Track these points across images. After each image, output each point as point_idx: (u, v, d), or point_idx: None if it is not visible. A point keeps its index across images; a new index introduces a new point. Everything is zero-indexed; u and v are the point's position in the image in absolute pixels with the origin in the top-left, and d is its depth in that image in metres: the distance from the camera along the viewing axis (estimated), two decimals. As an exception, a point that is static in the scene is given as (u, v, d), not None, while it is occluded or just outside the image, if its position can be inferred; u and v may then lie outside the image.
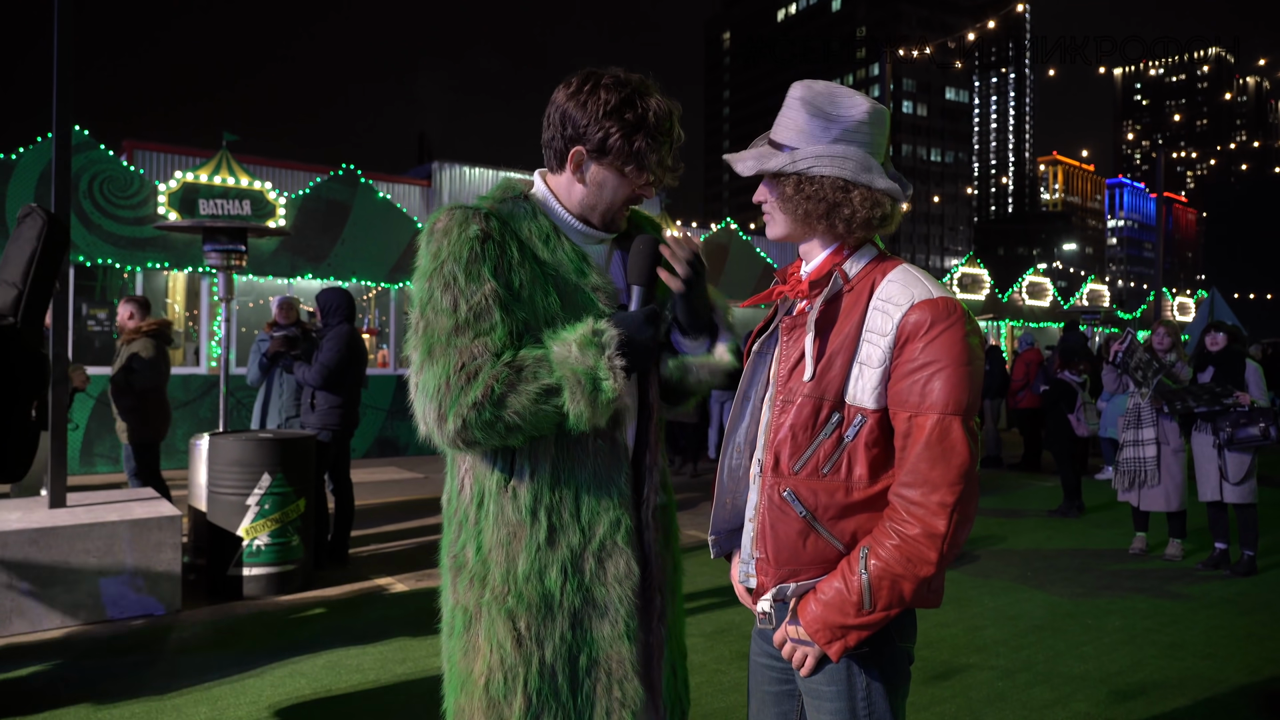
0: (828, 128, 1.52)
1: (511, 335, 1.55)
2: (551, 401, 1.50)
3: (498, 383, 1.49)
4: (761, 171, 1.55)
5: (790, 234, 1.61)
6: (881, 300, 1.47)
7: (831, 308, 1.52)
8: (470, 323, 1.51)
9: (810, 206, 1.51)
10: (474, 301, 1.51)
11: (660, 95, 1.63)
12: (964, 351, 1.42)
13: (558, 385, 1.50)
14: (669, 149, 1.64)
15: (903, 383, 1.43)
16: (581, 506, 1.62)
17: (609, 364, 1.49)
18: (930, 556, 1.39)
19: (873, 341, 1.46)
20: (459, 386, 1.49)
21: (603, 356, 1.49)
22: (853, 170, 1.50)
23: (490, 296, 1.52)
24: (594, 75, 1.62)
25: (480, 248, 1.53)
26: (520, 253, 1.59)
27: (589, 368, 1.49)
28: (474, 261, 1.52)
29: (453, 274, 1.52)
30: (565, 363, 1.50)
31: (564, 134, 1.62)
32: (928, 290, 1.46)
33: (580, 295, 1.63)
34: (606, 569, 1.62)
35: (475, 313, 1.51)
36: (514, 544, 1.61)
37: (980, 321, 22.37)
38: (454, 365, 1.50)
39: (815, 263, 1.60)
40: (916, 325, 1.42)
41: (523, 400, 1.49)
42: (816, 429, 1.48)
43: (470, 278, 1.52)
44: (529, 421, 1.51)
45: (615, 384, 1.50)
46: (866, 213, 1.51)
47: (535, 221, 1.64)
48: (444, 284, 1.52)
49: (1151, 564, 6.30)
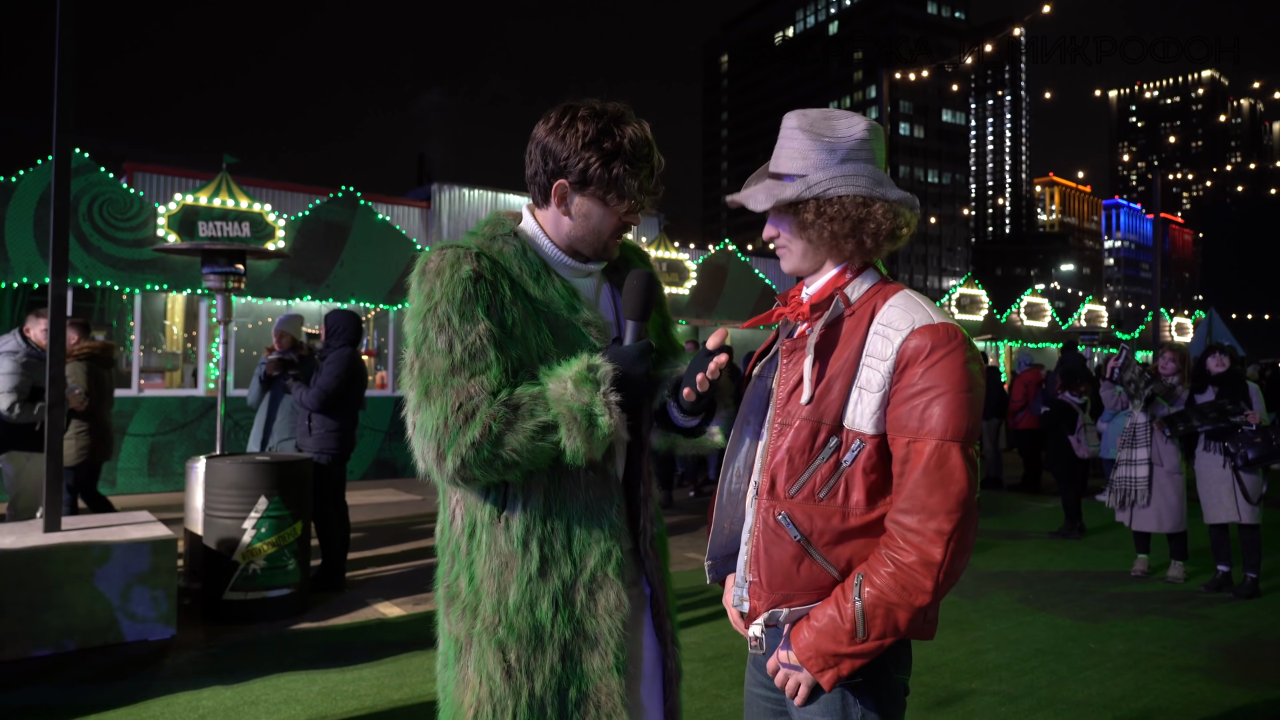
0: (833, 150, 1.53)
1: (506, 373, 1.56)
2: (549, 438, 1.51)
3: (495, 421, 1.50)
4: (779, 201, 1.52)
5: (813, 261, 1.59)
6: (882, 325, 1.47)
7: (832, 331, 1.52)
8: (466, 363, 1.52)
9: (835, 228, 1.51)
10: (469, 341, 1.53)
11: (636, 122, 1.64)
12: (964, 378, 1.41)
13: (554, 422, 1.50)
14: (649, 174, 1.65)
15: (902, 408, 1.42)
16: (573, 538, 1.62)
17: (604, 400, 1.49)
18: (926, 585, 1.37)
19: (873, 366, 1.45)
20: (457, 426, 1.50)
21: (598, 393, 1.49)
22: (867, 186, 1.51)
23: (485, 336, 1.54)
24: (571, 109, 1.63)
25: (473, 288, 1.55)
26: (512, 291, 1.60)
27: (585, 404, 1.49)
28: (467, 302, 1.54)
29: (447, 314, 1.53)
30: (561, 400, 1.50)
31: (546, 169, 1.64)
32: (929, 316, 1.45)
33: (572, 331, 1.64)
34: (597, 601, 1.61)
35: (470, 352, 1.53)
36: (505, 574, 1.61)
37: (979, 342, 22.33)
38: (451, 405, 1.51)
39: (817, 286, 1.60)
40: (917, 350, 1.41)
41: (520, 438, 1.50)
42: (814, 453, 1.47)
43: (464, 318, 1.53)
44: (526, 458, 1.52)
45: (611, 420, 1.49)
46: (890, 224, 1.52)
47: (525, 259, 1.66)
48: (438, 325, 1.54)
49: (1154, 586, 6.26)
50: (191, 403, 10.52)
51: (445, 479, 1.54)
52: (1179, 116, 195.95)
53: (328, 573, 5.74)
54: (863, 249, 1.54)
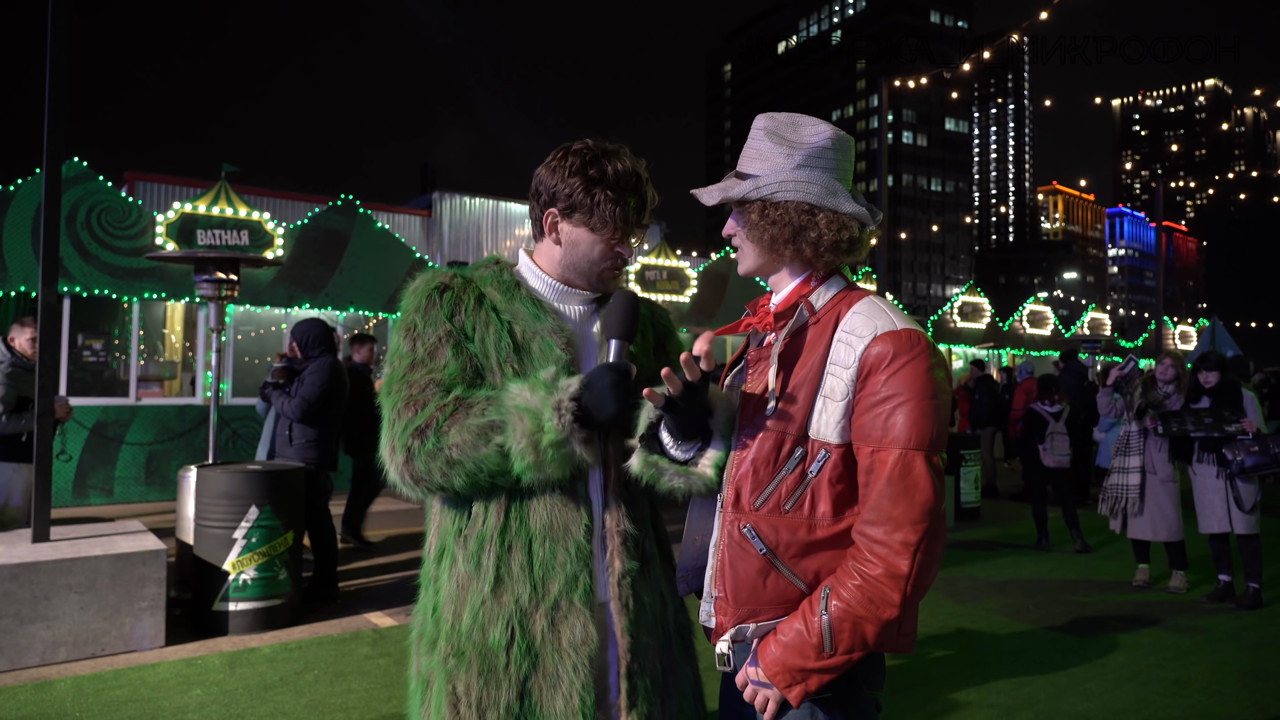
0: (790, 154, 1.52)
1: (464, 373, 1.56)
2: (493, 439, 1.45)
3: (442, 413, 1.49)
4: (726, 199, 1.56)
5: (759, 264, 1.60)
6: (845, 332, 1.45)
7: (797, 340, 1.50)
8: (424, 360, 1.56)
9: (776, 232, 1.51)
10: (429, 342, 1.57)
11: (629, 157, 1.66)
12: (927, 384, 1.38)
13: (501, 422, 1.45)
14: (637, 205, 1.65)
15: (865, 416, 1.40)
16: (534, 558, 1.53)
17: (557, 405, 1.42)
18: (893, 598, 1.34)
19: (836, 374, 1.43)
20: (406, 417, 1.50)
21: (551, 398, 1.43)
22: (818, 195, 1.50)
23: (444, 337, 1.57)
24: (566, 145, 1.68)
25: (439, 296, 1.60)
26: (478, 302, 1.64)
27: (535, 407, 1.43)
28: (430, 307, 1.59)
29: (412, 321, 1.59)
30: (514, 399, 1.46)
31: (540, 201, 1.68)
32: (891, 322, 1.43)
33: (538, 342, 1.61)
34: (560, 632, 1.50)
35: (429, 351, 1.56)
36: (461, 597, 1.55)
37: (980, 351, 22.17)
38: (404, 398, 1.53)
39: (783, 294, 1.59)
40: (879, 358, 1.39)
41: (464, 434, 1.46)
42: (779, 464, 1.44)
43: (427, 322, 1.58)
44: (470, 459, 1.46)
45: (560, 427, 1.41)
46: (833, 236, 1.50)
47: (499, 279, 1.68)
48: (404, 331, 1.60)
49: (1155, 597, 6.19)
50: (189, 411, 10.50)
51: (396, 474, 1.51)
52: (1182, 125, 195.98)
53: (320, 583, 5.69)
54: (801, 256, 1.52)
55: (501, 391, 1.49)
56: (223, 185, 10.87)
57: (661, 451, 1.51)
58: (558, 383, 1.46)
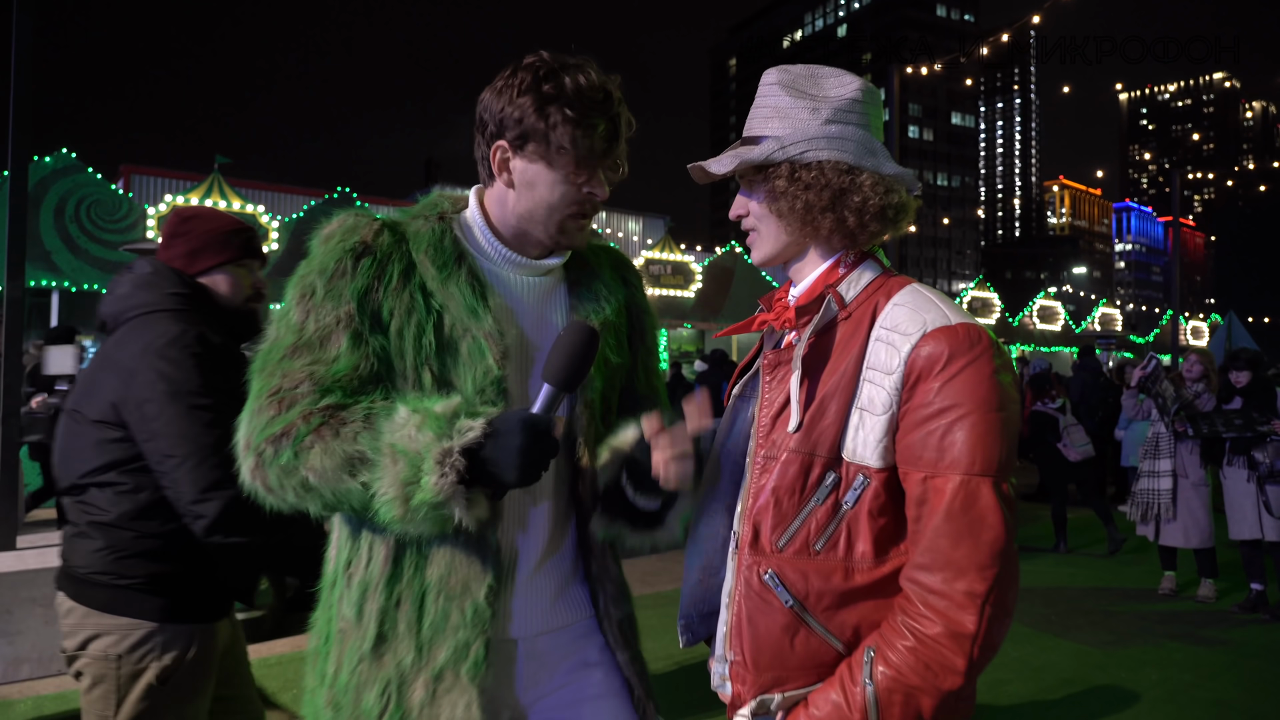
0: (816, 109, 1.25)
1: (357, 373, 1.25)
2: (359, 475, 1.15)
3: (306, 424, 1.19)
4: (745, 164, 1.27)
5: (786, 244, 1.31)
6: (885, 329, 1.17)
7: (824, 340, 1.22)
8: (311, 345, 1.25)
9: (811, 197, 1.23)
10: (323, 322, 1.26)
11: (596, 71, 1.35)
12: (993, 393, 1.11)
13: (373, 459, 1.15)
14: (606, 130, 1.34)
15: (915, 434, 1.12)
16: (424, 615, 1.28)
17: (441, 458, 1.11)
18: (956, 664, 1.07)
19: (876, 381, 1.16)
20: (268, 414, 1.21)
21: (438, 446, 1.12)
22: (855, 152, 1.24)
23: (343, 321, 1.26)
24: (518, 61, 1.37)
25: (351, 263, 1.28)
26: (403, 279, 1.31)
27: (414, 452, 1.13)
28: (339, 276, 1.28)
29: (312, 286, 1.28)
30: (393, 433, 1.15)
31: (485, 134, 1.37)
32: (944, 315, 1.16)
33: (468, 343, 1.31)
34: (440, 707, 1.26)
35: (321, 334, 1.26)
36: (342, 644, 1.32)
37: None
38: (270, 389, 1.23)
39: (806, 284, 1.31)
40: (930, 360, 1.12)
41: (327, 460, 1.16)
42: (806, 493, 1.17)
43: (329, 294, 1.27)
44: (329, 490, 1.18)
45: (437, 486, 1.11)
46: (880, 200, 1.23)
47: (439, 244, 1.36)
48: (300, 295, 1.29)
49: (1183, 606, 5.90)
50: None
51: (247, 477, 1.22)
52: (1190, 119, 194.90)
53: (304, 592, 5.43)
54: (843, 228, 1.25)
55: (384, 412, 1.18)
56: (215, 178, 10.63)
57: (625, 509, 1.37)
58: (455, 424, 1.14)
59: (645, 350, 1.57)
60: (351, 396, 1.22)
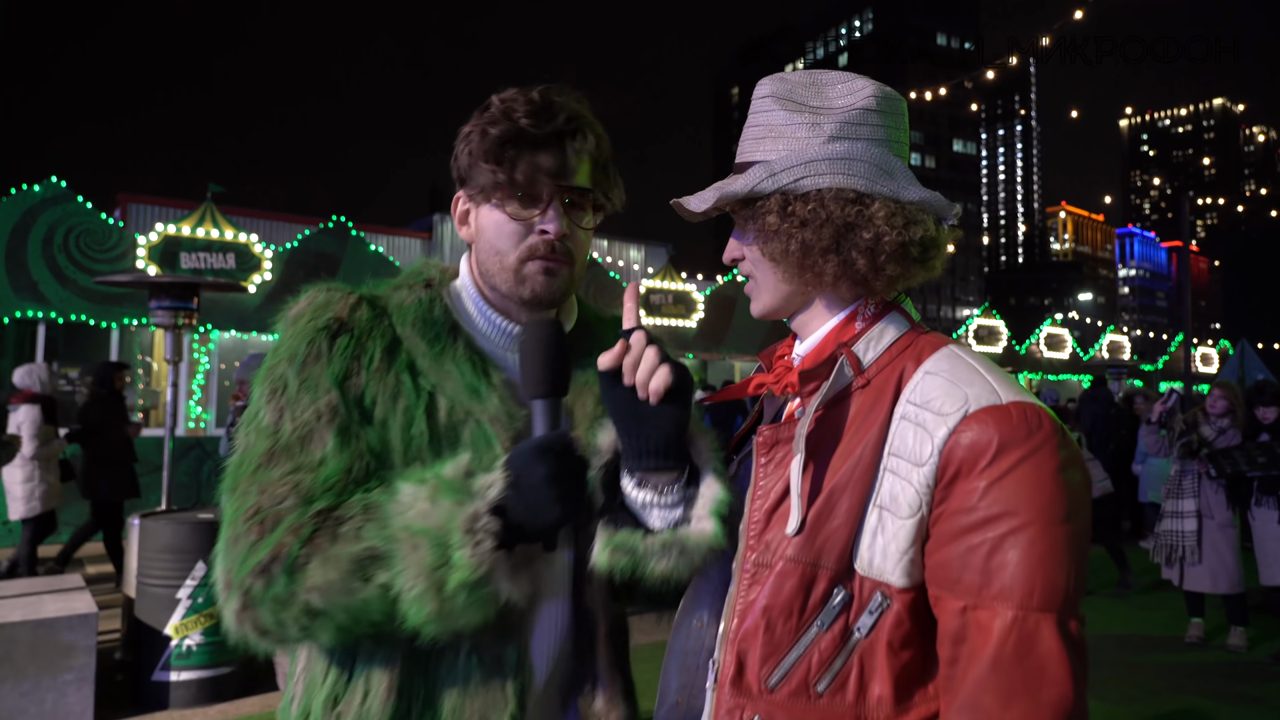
0: (817, 124, 0.99)
1: (350, 477, 1.02)
2: (375, 576, 0.93)
3: (296, 538, 0.96)
4: (724, 200, 1.02)
5: (784, 296, 1.06)
6: (915, 406, 0.92)
7: (835, 414, 0.97)
8: (290, 450, 1.04)
9: (809, 236, 0.98)
10: (302, 419, 1.05)
11: (558, 92, 1.14)
12: (1058, 497, 0.86)
13: (386, 551, 0.93)
14: (559, 156, 1.11)
15: (952, 548, 0.87)
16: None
17: (469, 526, 0.91)
18: None
19: (901, 473, 0.90)
20: (247, 542, 0.99)
21: (463, 511, 0.92)
22: (866, 175, 0.98)
23: (325, 414, 1.06)
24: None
25: (327, 344, 1.09)
26: (387, 357, 1.11)
27: (436, 528, 0.91)
28: (314, 361, 1.08)
29: (283, 378, 1.08)
30: (404, 515, 0.93)
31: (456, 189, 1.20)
32: (991, 390, 0.90)
33: (470, 429, 1.09)
34: None
35: (300, 433, 1.05)
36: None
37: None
38: (247, 510, 1.01)
39: (813, 341, 1.06)
40: (974, 451, 0.87)
41: (331, 571, 0.94)
42: (807, 615, 0.91)
43: (304, 385, 1.07)
44: (341, 608, 0.95)
45: (475, 559, 0.90)
46: (897, 235, 0.97)
47: (429, 315, 1.15)
48: (270, 391, 1.09)
49: (1213, 656, 5.57)
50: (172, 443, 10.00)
51: (232, 622, 1.00)
52: (1191, 144, 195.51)
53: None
54: (851, 272, 0.99)
55: (385, 496, 0.97)
56: (208, 206, 10.45)
57: (631, 520, 1.00)
58: (471, 483, 0.94)
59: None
60: (339, 497, 1.01)
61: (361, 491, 1.00)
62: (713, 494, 0.98)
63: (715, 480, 0.99)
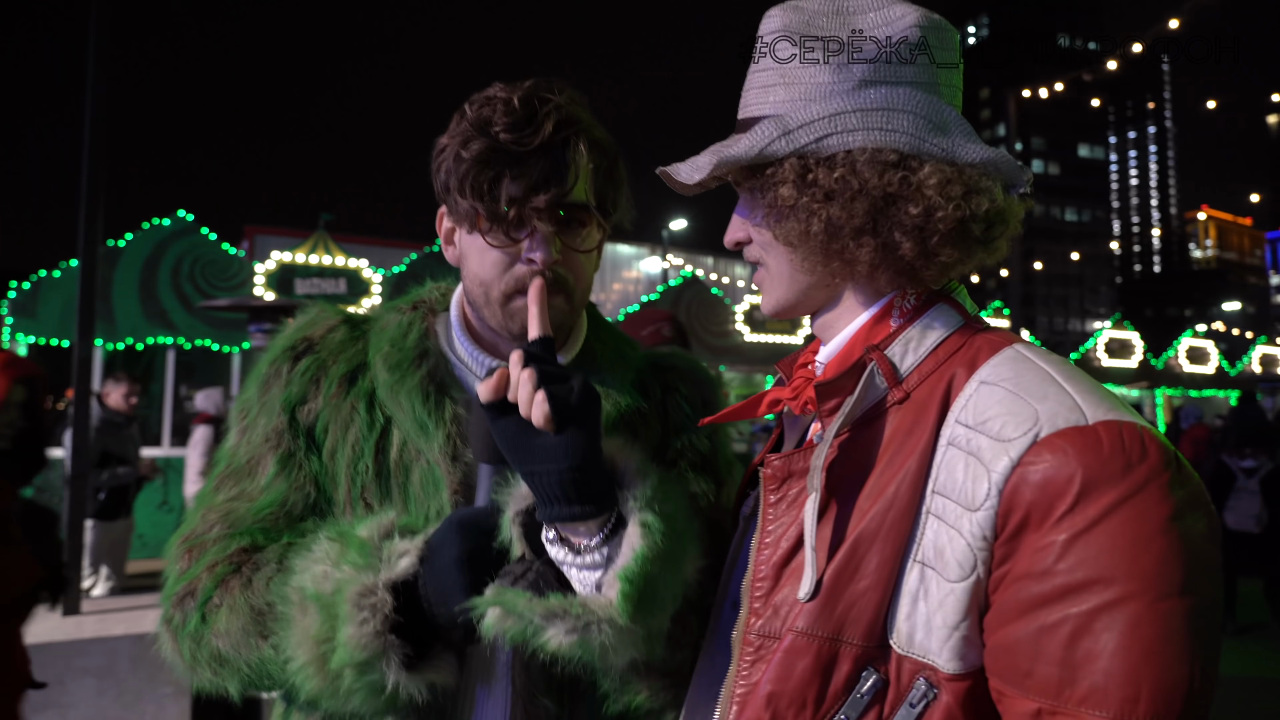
0: (842, 64, 0.78)
1: (285, 509, 0.97)
2: (270, 635, 0.85)
3: (211, 576, 0.91)
4: (724, 164, 0.81)
5: (805, 286, 0.85)
6: (966, 427, 0.70)
7: (864, 438, 0.76)
8: (238, 474, 1.01)
9: (836, 213, 0.77)
10: (254, 442, 1.03)
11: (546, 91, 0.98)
12: (1172, 557, 0.62)
13: (282, 611, 0.84)
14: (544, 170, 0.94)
15: (1020, 627, 0.65)
16: None
17: (359, 600, 0.79)
18: None
19: (949, 519, 0.69)
20: (176, 569, 0.97)
21: (358, 582, 0.80)
22: (911, 130, 0.76)
23: (273, 439, 1.01)
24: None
25: (288, 366, 1.04)
26: (344, 384, 1.03)
27: (328, 594, 0.80)
28: (274, 382, 1.04)
29: (248, 401, 1.06)
30: (305, 574, 0.84)
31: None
32: (1072, 406, 0.67)
33: (421, 469, 0.97)
34: None
35: (248, 459, 1.02)
36: None
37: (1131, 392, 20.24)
38: (187, 532, 0.99)
39: (837, 343, 0.85)
40: (1049, 491, 0.65)
41: (235, 620, 0.88)
42: (826, 708, 0.70)
43: (263, 408, 1.04)
44: (243, 662, 0.88)
45: (361, 638, 0.78)
46: (955, 209, 0.75)
47: (401, 341, 1.04)
48: (240, 413, 1.07)
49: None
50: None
51: (169, 653, 1.00)
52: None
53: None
54: (894, 258, 0.78)
55: (302, 547, 0.88)
56: (321, 234, 10.90)
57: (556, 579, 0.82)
58: (385, 548, 0.83)
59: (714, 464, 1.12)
60: (273, 538, 0.94)
61: (290, 532, 0.92)
62: (630, 550, 0.77)
63: (638, 531, 0.78)
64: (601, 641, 0.77)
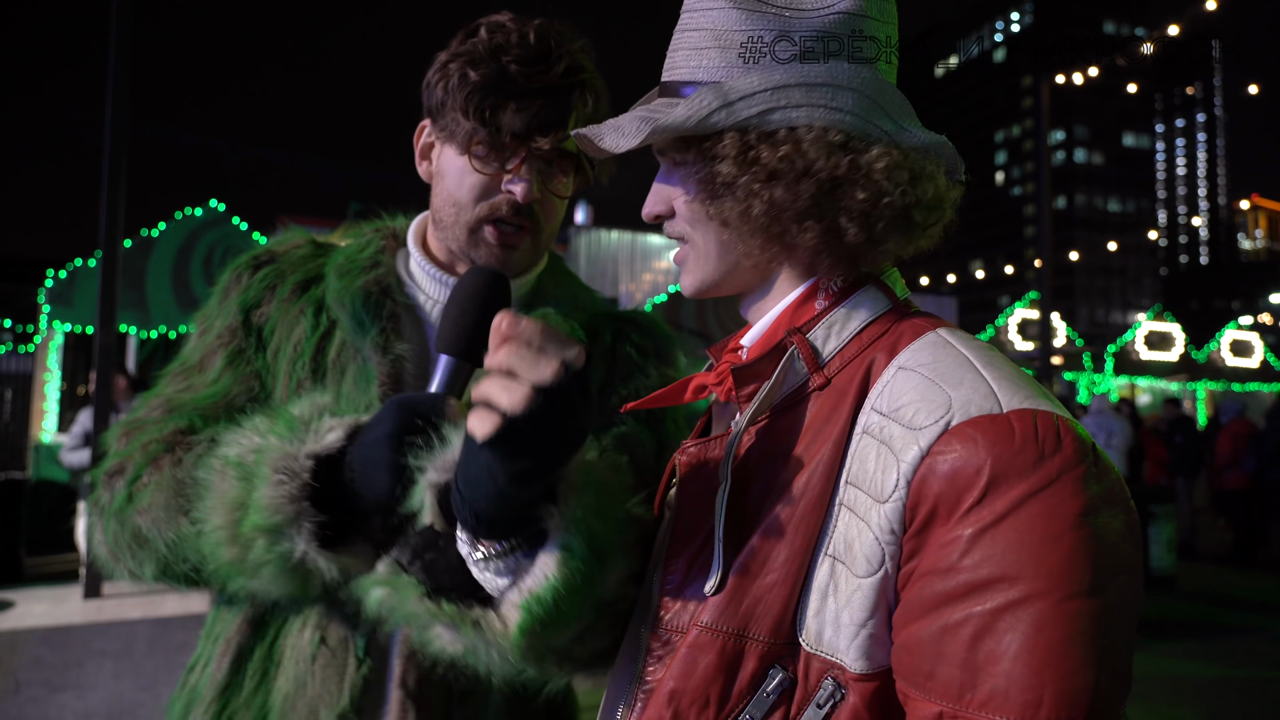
0: (786, 33, 0.73)
1: (227, 399, 1.02)
2: (189, 506, 0.86)
3: (145, 456, 0.94)
4: (656, 133, 0.75)
5: (731, 267, 0.81)
6: (881, 414, 0.67)
7: (783, 426, 0.72)
8: (188, 370, 1.07)
9: (780, 195, 0.72)
10: (209, 341, 1.09)
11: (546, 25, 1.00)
12: (1082, 555, 0.59)
13: (204, 480, 0.84)
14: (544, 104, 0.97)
15: (923, 626, 0.61)
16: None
17: (279, 464, 0.77)
18: None
19: (859, 510, 0.65)
20: (114, 451, 1.00)
21: (281, 447, 0.79)
22: (856, 109, 0.72)
23: (224, 336, 1.07)
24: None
25: (248, 273, 1.11)
26: (297, 290, 1.08)
27: (249, 461, 0.80)
28: (233, 287, 1.11)
29: (209, 310, 1.13)
30: (231, 446, 0.84)
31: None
32: (987, 393, 0.64)
33: (356, 366, 1.01)
34: None
35: (200, 356, 1.08)
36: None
37: (1171, 385, 19.78)
38: (132, 420, 1.03)
39: (762, 324, 0.80)
40: (957, 482, 0.61)
41: (159, 495, 0.91)
42: (730, 707, 0.67)
43: (221, 311, 1.11)
44: (161, 540, 0.90)
45: (273, 501, 0.76)
46: (901, 195, 0.71)
47: (356, 256, 1.09)
48: (199, 322, 1.15)
49: None
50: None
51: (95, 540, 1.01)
52: None
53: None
54: (838, 245, 0.73)
55: (233, 426, 0.88)
56: (349, 224, 10.99)
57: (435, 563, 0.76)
58: (313, 424, 0.82)
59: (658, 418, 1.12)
60: (211, 424, 0.96)
61: (228, 421, 0.92)
62: (543, 576, 0.70)
63: (556, 559, 0.70)
64: (490, 658, 0.73)
